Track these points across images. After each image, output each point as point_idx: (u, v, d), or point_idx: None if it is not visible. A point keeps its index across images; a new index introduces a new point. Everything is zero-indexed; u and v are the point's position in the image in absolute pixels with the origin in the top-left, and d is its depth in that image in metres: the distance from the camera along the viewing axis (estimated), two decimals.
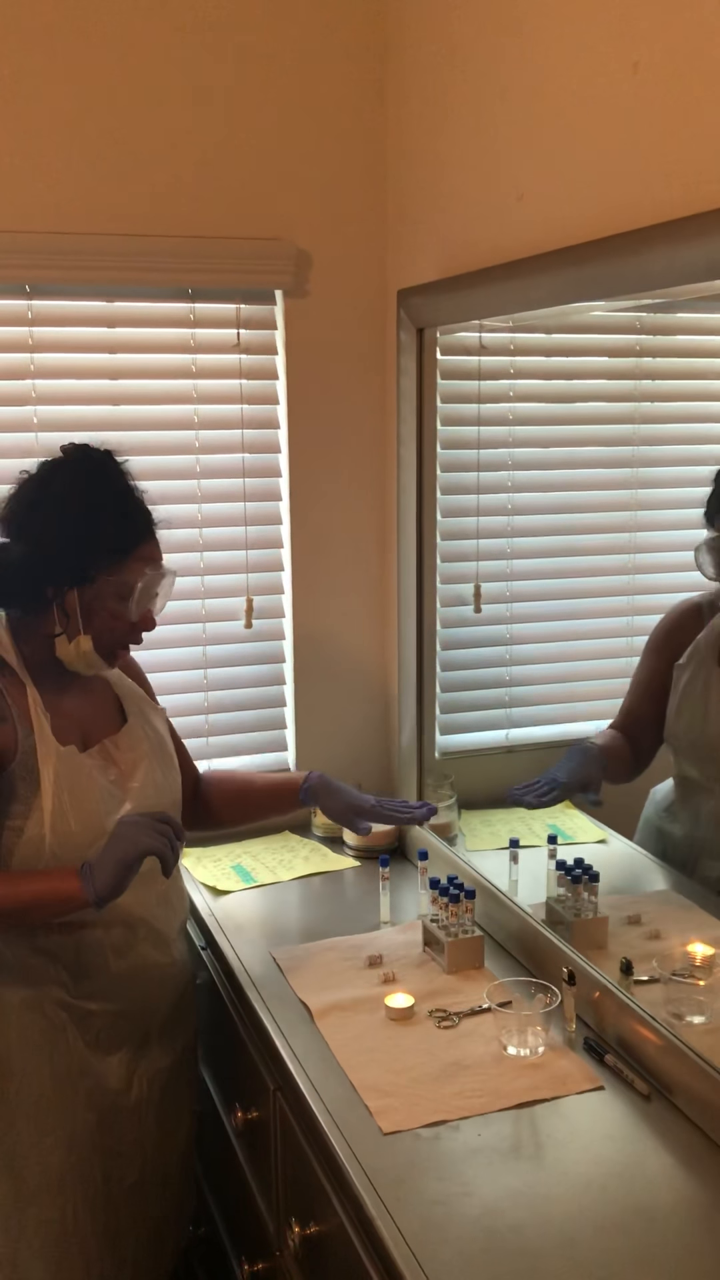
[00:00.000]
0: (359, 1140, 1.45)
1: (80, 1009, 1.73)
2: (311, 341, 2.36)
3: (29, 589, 1.68)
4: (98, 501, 1.69)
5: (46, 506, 1.67)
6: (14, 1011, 1.70)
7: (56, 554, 1.65)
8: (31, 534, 1.67)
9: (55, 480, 1.70)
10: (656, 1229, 1.30)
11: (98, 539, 1.67)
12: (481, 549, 2.22)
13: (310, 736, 2.52)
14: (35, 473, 1.72)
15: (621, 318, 2.00)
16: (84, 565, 1.67)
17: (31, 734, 1.68)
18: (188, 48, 2.17)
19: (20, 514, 1.69)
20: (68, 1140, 1.74)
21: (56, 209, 2.14)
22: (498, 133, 1.92)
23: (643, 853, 1.98)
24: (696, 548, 1.77)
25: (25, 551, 1.66)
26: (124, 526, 1.70)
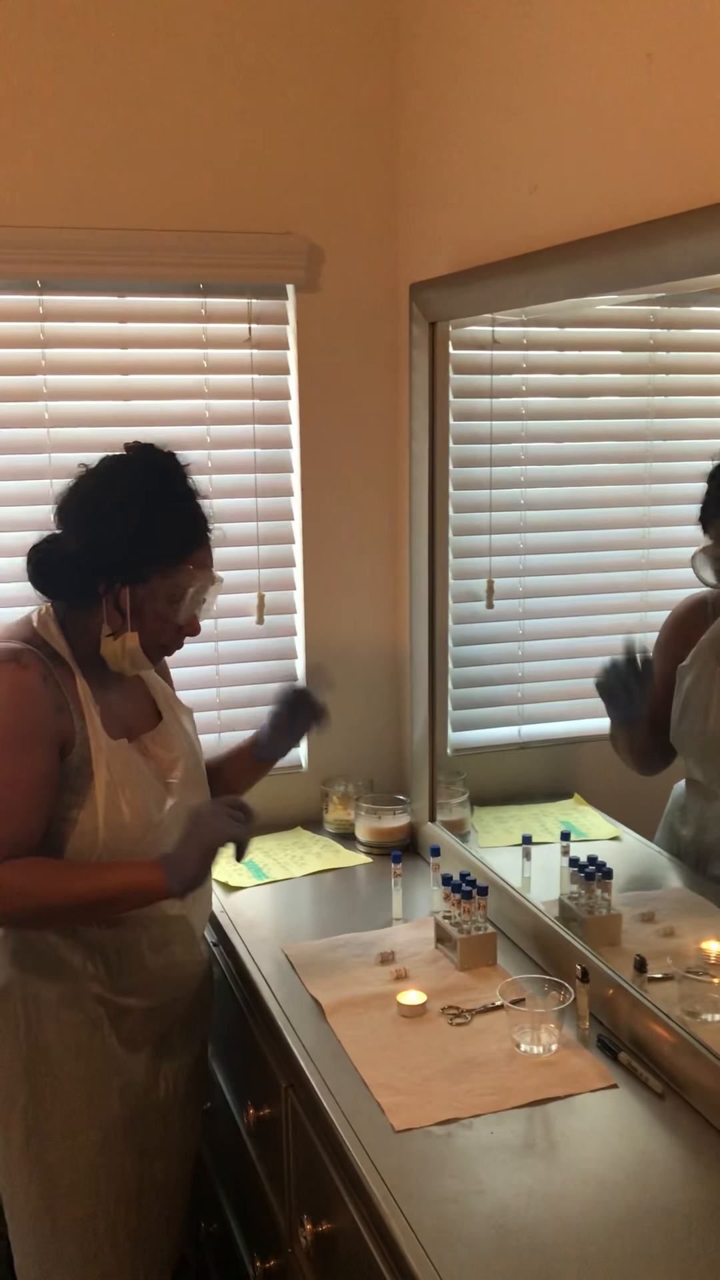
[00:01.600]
0: (371, 1138, 1.45)
1: (116, 1005, 1.73)
2: (323, 336, 2.35)
3: (82, 582, 1.68)
4: (162, 502, 1.68)
5: (110, 502, 1.67)
6: (52, 1007, 1.71)
7: (114, 550, 1.65)
8: (91, 528, 1.66)
9: (121, 476, 1.69)
10: (670, 1228, 1.29)
11: (157, 539, 1.67)
12: (494, 544, 2.21)
13: (322, 733, 2.50)
14: (97, 467, 1.71)
15: (635, 311, 1.99)
16: (140, 564, 1.66)
17: (85, 726, 1.68)
18: (199, 43, 2.16)
19: (81, 507, 1.69)
20: (101, 1138, 1.74)
21: (68, 204, 2.14)
22: (510, 125, 1.90)
23: (655, 849, 1.97)
24: (693, 557, 1.76)
25: (82, 544, 1.66)
26: (184, 529, 1.70)
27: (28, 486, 2.24)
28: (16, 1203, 1.76)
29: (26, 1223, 1.76)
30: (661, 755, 1.90)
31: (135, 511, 1.66)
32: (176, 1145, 1.87)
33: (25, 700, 1.62)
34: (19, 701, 1.62)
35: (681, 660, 1.84)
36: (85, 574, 1.67)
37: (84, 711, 1.68)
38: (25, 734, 1.62)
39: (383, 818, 2.36)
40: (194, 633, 1.76)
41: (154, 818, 1.72)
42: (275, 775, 2.49)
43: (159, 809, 1.74)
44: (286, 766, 2.52)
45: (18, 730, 1.61)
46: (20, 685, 1.62)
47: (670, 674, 1.86)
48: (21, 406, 2.21)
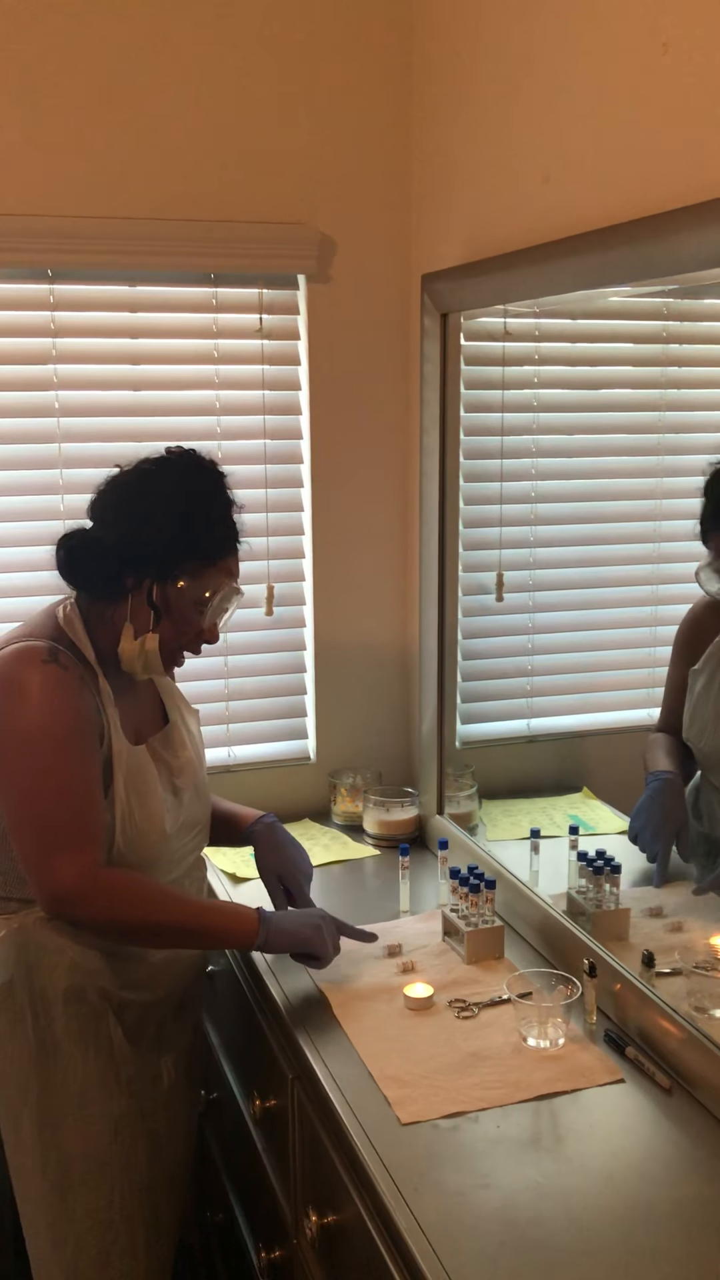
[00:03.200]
0: (377, 1130, 1.45)
1: (119, 998, 1.74)
2: (334, 326, 2.34)
3: (111, 575, 1.69)
4: (202, 505, 1.70)
5: (152, 496, 1.68)
6: (59, 1001, 1.71)
7: (151, 544, 1.66)
8: (130, 520, 1.67)
9: (166, 474, 1.71)
10: (677, 1222, 1.29)
11: (195, 538, 1.68)
12: (504, 537, 2.21)
13: (330, 725, 2.51)
14: (141, 464, 1.73)
15: (649, 303, 1.97)
16: (174, 562, 1.67)
17: (109, 728, 1.69)
18: (211, 31, 2.15)
19: (121, 499, 1.70)
20: (113, 1127, 1.75)
21: (79, 193, 2.13)
22: (524, 114, 1.89)
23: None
24: (696, 572, 1.76)
25: (118, 536, 1.67)
26: (218, 534, 1.72)
27: (38, 476, 2.24)
28: (30, 1195, 1.77)
29: (42, 1216, 1.76)
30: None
31: (177, 508, 1.67)
32: (181, 1131, 1.89)
33: (73, 700, 1.63)
34: (68, 701, 1.63)
35: (694, 663, 1.84)
36: (117, 566, 1.68)
37: (109, 713, 1.69)
38: (83, 732, 1.63)
39: (391, 810, 2.36)
40: (212, 640, 1.76)
41: (168, 828, 1.74)
42: (284, 767, 2.51)
43: (173, 820, 1.76)
44: (295, 758, 2.52)
45: (76, 729, 1.63)
46: (66, 685, 1.63)
47: (684, 677, 1.85)
48: (32, 396, 2.21)
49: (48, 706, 1.62)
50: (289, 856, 1.95)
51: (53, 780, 1.61)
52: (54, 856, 1.60)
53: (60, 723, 1.62)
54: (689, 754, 1.87)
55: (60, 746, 1.61)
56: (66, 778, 1.61)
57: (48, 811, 1.61)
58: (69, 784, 1.61)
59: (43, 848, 1.61)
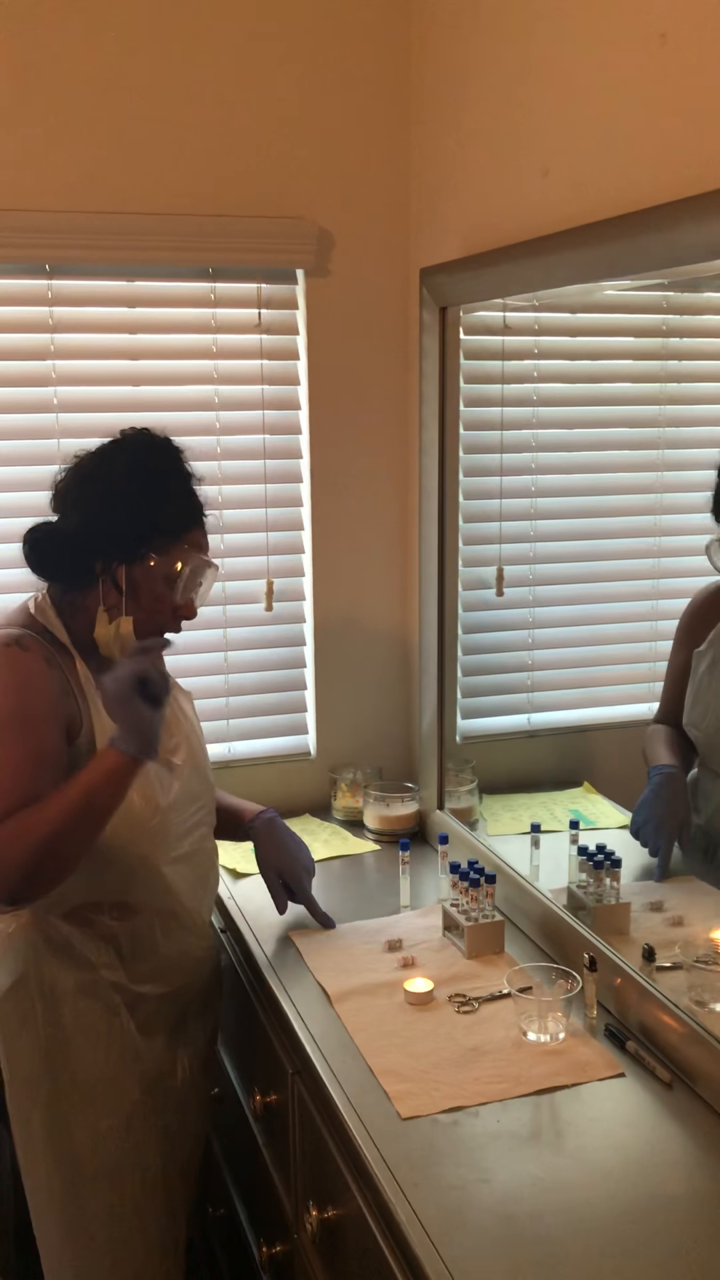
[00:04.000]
0: (377, 1125, 1.45)
1: (132, 992, 1.73)
2: (333, 321, 2.34)
3: (78, 562, 1.68)
4: (158, 481, 1.70)
5: (106, 481, 1.68)
6: (70, 996, 1.70)
7: (112, 527, 1.66)
8: (87, 507, 1.67)
9: (118, 456, 1.71)
10: (677, 1217, 1.29)
11: (155, 516, 1.68)
12: (504, 532, 2.20)
13: (331, 720, 2.51)
14: (93, 451, 1.72)
15: (648, 297, 1.97)
16: (138, 541, 1.67)
17: (90, 710, 1.67)
18: (209, 26, 2.15)
19: (76, 488, 1.70)
20: (125, 1123, 1.74)
21: (77, 188, 2.13)
22: (522, 107, 1.89)
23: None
24: (707, 546, 1.75)
25: (79, 524, 1.67)
26: (180, 509, 1.71)
27: (37, 472, 2.23)
28: (40, 1194, 1.76)
29: (54, 1214, 1.76)
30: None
31: (134, 488, 1.67)
32: (192, 1129, 1.88)
33: (26, 681, 1.61)
34: (19, 682, 1.61)
35: (699, 645, 1.84)
36: (82, 553, 1.67)
37: (88, 696, 1.68)
38: (27, 715, 1.60)
39: (391, 805, 2.35)
40: (189, 616, 1.74)
41: (161, 801, 1.72)
42: (284, 762, 2.51)
43: (166, 792, 1.73)
44: (295, 753, 2.52)
45: (19, 711, 1.60)
46: (21, 666, 1.62)
47: (688, 661, 1.85)
48: (30, 391, 2.21)
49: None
50: (290, 852, 1.94)
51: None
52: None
53: (4, 704, 1.59)
54: (690, 746, 1.86)
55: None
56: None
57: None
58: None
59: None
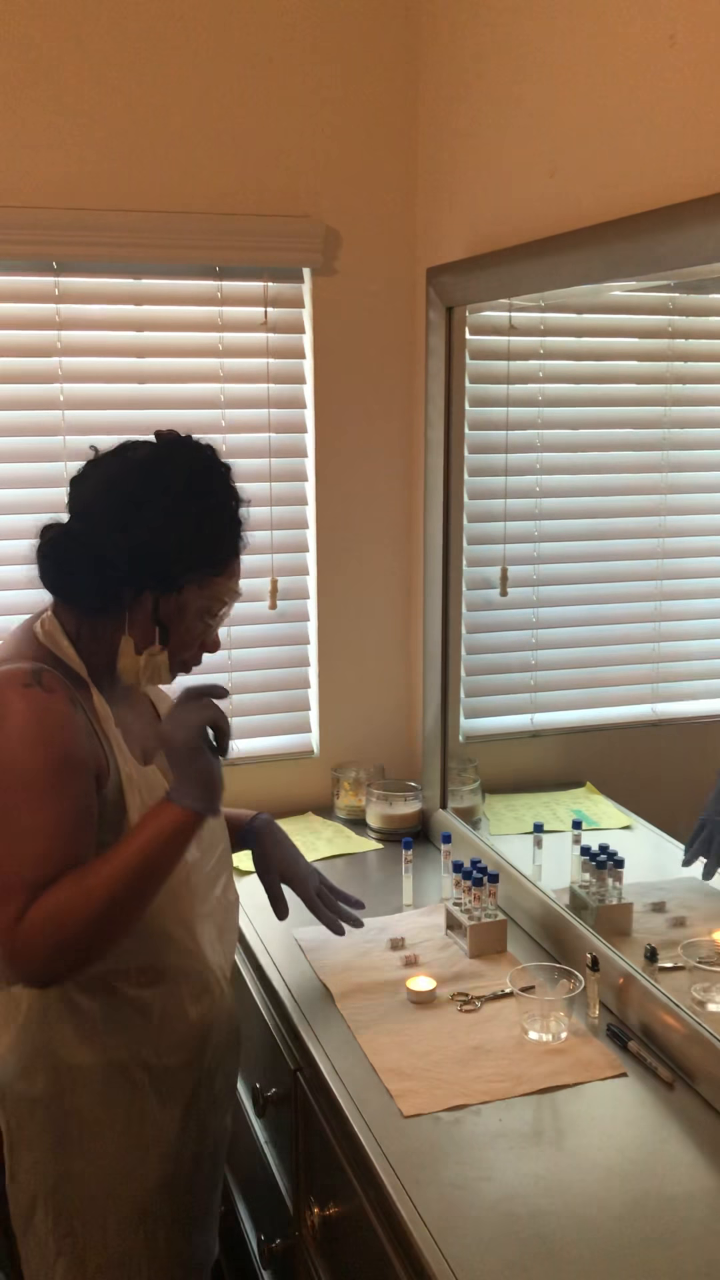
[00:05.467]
0: (380, 1123, 1.45)
1: (159, 1067, 1.57)
2: (339, 320, 2.34)
3: (105, 588, 1.49)
4: (216, 510, 1.51)
5: (154, 504, 1.46)
6: (90, 1077, 1.52)
7: (154, 555, 1.46)
8: (130, 531, 1.46)
9: (169, 471, 1.50)
10: (678, 1217, 1.29)
11: (204, 551, 1.50)
12: (509, 532, 2.21)
13: (334, 718, 2.51)
14: (134, 457, 1.51)
15: (654, 298, 1.97)
16: (181, 572, 1.49)
17: (114, 751, 1.51)
18: (217, 25, 2.15)
19: (114, 503, 1.48)
20: (136, 1215, 1.58)
21: (84, 185, 2.13)
22: (530, 107, 1.89)
23: (667, 838, 1.96)
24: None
25: (118, 545, 1.46)
26: (232, 541, 1.53)
27: (42, 469, 2.24)
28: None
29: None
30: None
31: (190, 513, 1.48)
32: (214, 1214, 1.71)
33: (56, 727, 1.42)
34: (49, 730, 1.42)
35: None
36: (112, 578, 1.48)
37: (110, 735, 1.51)
38: (60, 766, 1.42)
39: (394, 804, 2.36)
40: (214, 649, 1.60)
41: (189, 854, 1.53)
42: (287, 761, 2.51)
43: (194, 843, 1.55)
44: (298, 752, 2.52)
45: (52, 762, 1.41)
46: (48, 711, 1.42)
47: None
48: (37, 388, 2.21)
49: (21, 738, 1.40)
50: (291, 855, 1.83)
51: (9, 823, 1.39)
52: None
53: (34, 757, 1.40)
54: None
55: (25, 785, 1.40)
56: (19, 820, 1.39)
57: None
58: (19, 828, 1.39)
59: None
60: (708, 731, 2.05)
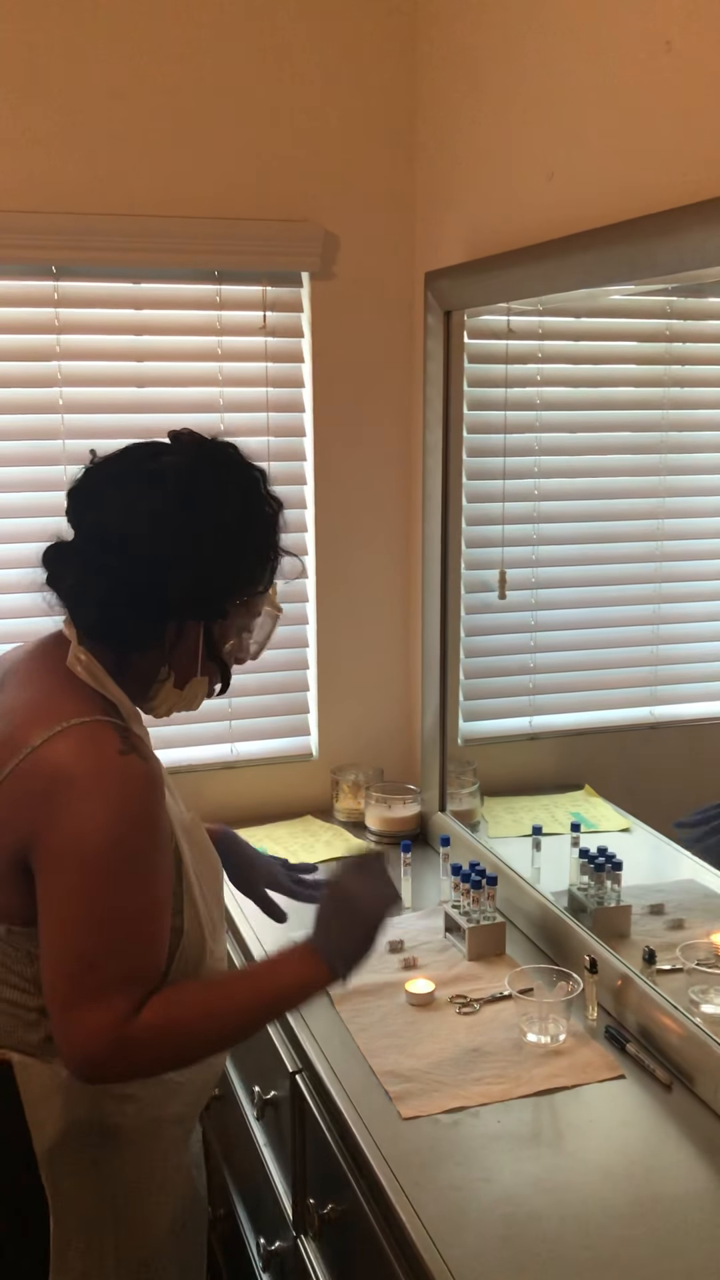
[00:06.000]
0: (378, 1125, 1.45)
1: (190, 1121, 1.55)
2: (338, 324, 2.35)
3: (152, 624, 1.35)
4: (264, 523, 1.38)
5: (207, 530, 1.32)
6: (132, 1137, 1.45)
7: (206, 587, 1.34)
8: (178, 563, 1.32)
9: (211, 494, 1.34)
10: (676, 1218, 1.29)
11: (253, 575, 1.38)
12: (507, 535, 2.21)
13: (333, 722, 2.51)
14: (154, 473, 1.34)
15: (652, 302, 1.98)
16: (227, 597, 1.37)
17: (170, 803, 1.39)
18: (216, 29, 2.15)
19: (161, 533, 1.31)
20: (149, 1260, 1.52)
21: (84, 190, 2.13)
22: (528, 112, 1.89)
23: (665, 840, 1.96)
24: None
25: (161, 580, 1.32)
26: (275, 550, 1.41)
27: (41, 472, 2.25)
28: None
29: None
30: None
31: (244, 540, 1.36)
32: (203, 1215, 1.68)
33: (154, 801, 1.30)
34: (150, 804, 1.29)
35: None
36: (158, 612, 1.34)
37: (166, 784, 1.39)
38: (160, 843, 1.32)
39: (393, 807, 2.36)
40: (245, 660, 1.49)
41: (220, 888, 1.49)
42: (286, 763, 2.51)
43: (222, 885, 1.54)
44: (297, 754, 2.53)
45: (152, 840, 1.30)
46: (149, 784, 1.29)
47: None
48: (36, 392, 2.22)
49: (119, 815, 1.26)
50: (252, 856, 1.72)
51: (107, 910, 1.27)
52: (83, 1010, 1.26)
53: (133, 837, 1.27)
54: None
55: (127, 869, 1.27)
56: (125, 909, 1.28)
57: (91, 950, 1.27)
58: (125, 917, 1.28)
59: (72, 996, 1.27)
60: (706, 734, 2.05)
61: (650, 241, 1.50)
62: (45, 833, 1.26)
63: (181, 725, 2.40)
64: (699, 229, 1.41)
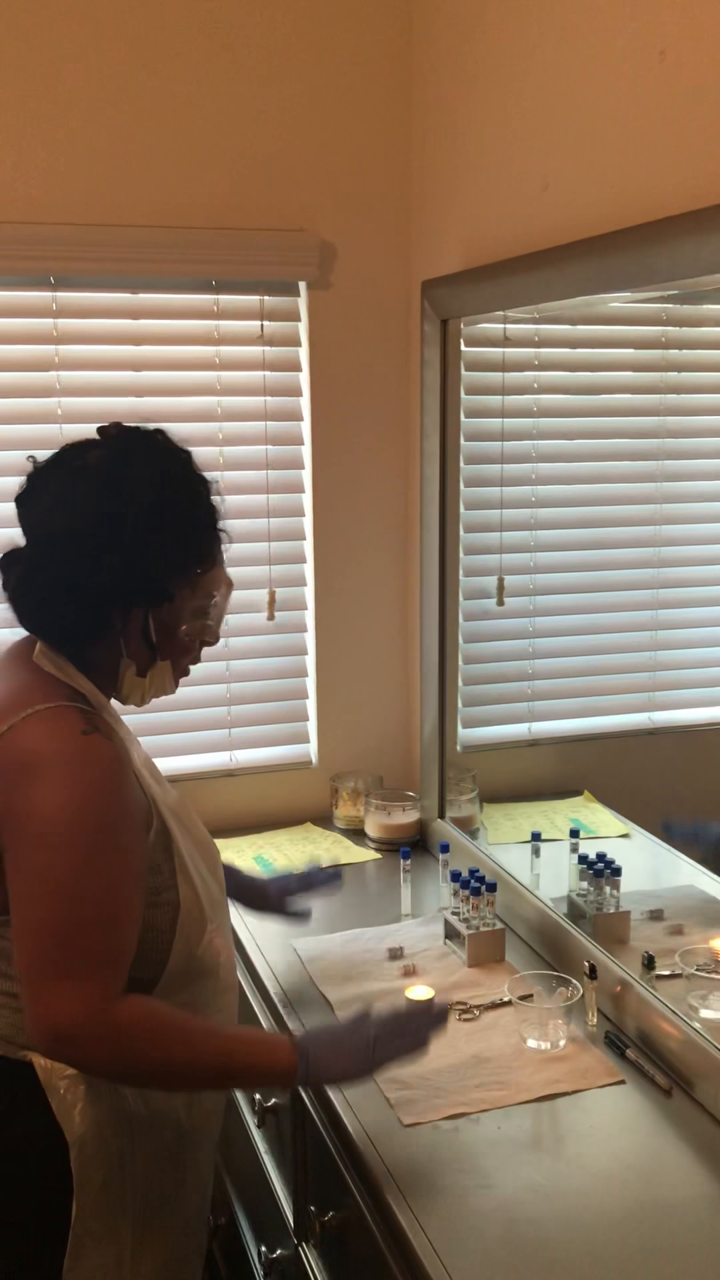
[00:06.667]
0: (379, 1132, 1.45)
1: (200, 1111, 1.55)
2: (335, 333, 2.36)
3: (94, 616, 1.39)
4: (186, 501, 1.41)
5: (127, 517, 1.35)
6: (154, 1129, 1.47)
7: (135, 572, 1.36)
8: (101, 550, 1.35)
9: (126, 480, 1.38)
10: (676, 1224, 1.29)
11: (190, 552, 1.41)
12: (505, 541, 2.22)
13: (332, 729, 2.52)
14: (79, 469, 1.40)
15: (648, 309, 1.99)
16: (166, 580, 1.40)
17: (145, 784, 1.43)
18: (213, 40, 2.17)
19: (82, 525, 1.36)
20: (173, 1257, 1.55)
21: (81, 201, 2.14)
22: (523, 121, 1.90)
23: (664, 846, 1.97)
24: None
25: (91, 572, 1.35)
26: (210, 527, 1.44)
27: None
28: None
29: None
30: None
31: (162, 519, 1.37)
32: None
33: (119, 778, 1.33)
34: (114, 782, 1.33)
35: None
36: (100, 602, 1.38)
37: (139, 771, 1.42)
38: (127, 823, 1.34)
39: (392, 814, 2.36)
40: (213, 643, 1.53)
41: (219, 871, 1.52)
42: (285, 771, 2.52)
43: (219, 856, 1.57)
44: (297, 762, 2.53)
45: (119, 820, 1.33)
46: (109, 760, 1.33)
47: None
48: (35, 402, 2.22)
49: (82, 793, 1.30)
50: (250, 878, 1.80)
51: (73, 886, 1.29)
52: (59, 984, 1.28)
53: (96, 813, 1.30)
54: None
55: (92, 844, 1.30)
56: (96, 885, 1.30)
57: (62, 925, 1.29)
58: (97, 893, 1.30)
59: (48, 970, 1.29)
60: (704, 739, 2.06)
61: (645, 250, 1.51)
62: (11, 814, 1.30)
63: (181, 734, 2.41)
64: (694, 237, 1.41)
